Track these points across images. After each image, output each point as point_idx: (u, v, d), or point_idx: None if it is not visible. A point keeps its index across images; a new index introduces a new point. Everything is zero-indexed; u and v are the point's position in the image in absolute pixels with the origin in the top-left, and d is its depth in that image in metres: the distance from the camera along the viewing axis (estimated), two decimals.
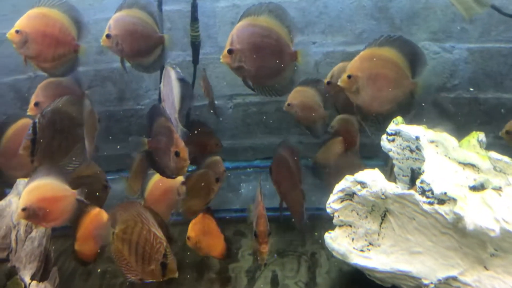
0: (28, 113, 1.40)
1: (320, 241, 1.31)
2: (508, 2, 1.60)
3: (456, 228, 1.00)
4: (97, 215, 1.18)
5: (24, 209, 1.04)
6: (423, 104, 1.48)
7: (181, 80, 1.24)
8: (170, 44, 1.47)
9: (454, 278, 1.01)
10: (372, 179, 1.12)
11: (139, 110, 1.97)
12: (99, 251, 1.21)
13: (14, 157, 1.29)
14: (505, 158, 1.14)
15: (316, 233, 1.36)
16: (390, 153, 1.24)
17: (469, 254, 1.01)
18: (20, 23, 1.31)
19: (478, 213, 0.97)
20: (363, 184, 1.13)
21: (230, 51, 1.27)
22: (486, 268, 0.99)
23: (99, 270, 1.33)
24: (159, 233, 0.98)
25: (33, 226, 1.12)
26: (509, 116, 1.65)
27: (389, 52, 1.33)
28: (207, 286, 1.23)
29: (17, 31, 1.28)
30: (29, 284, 1.01)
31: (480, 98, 1.85)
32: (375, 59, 1.35)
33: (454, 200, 1.00)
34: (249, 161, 1.97)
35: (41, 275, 1.05)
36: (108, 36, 1.35)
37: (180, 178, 1.33)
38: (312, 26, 1.86)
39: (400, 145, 1.22)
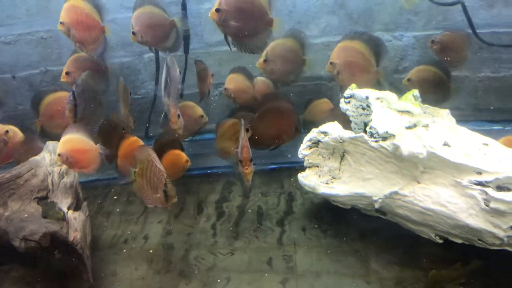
0: (61, 79, 1.76)
1: (295, 184, 1.65)
2: None
3: (396, 156, 1.35)
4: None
5: (59, 155, 1.35)
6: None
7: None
8: (180, 25, 1.83)
9: (396, 192, 1.36)
10: (332, 128, 1.47)
11: (137, 99, 2.29)
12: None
13: (52, 118, 1.70)
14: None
15: (292, 179, 1.70)
16: (347, 112, 1.59)
17: (406, 174, 1.36)
18: (61, 15, 1.63)
19: (411, 143, 1.33)
20: (325, 133, 1.48)
21: (217, 10, 1.56)
22: (418, 182, 1.34)
23: (117, 210, 1.65)
24: (161, 167, 1.29)
25: (64, 173, 1.43)
26: None
27: (359, 44, 1.70)
28: (206, 218, 1.55)
29: (61, 23, 1.60)
30: (67, 212, 1.30)
31: None
32: (349, 50, 1.70)
33: (393, 136, 1.36)
34: None
35: (74, 208, 1.34)
36: (133, 33, 1.66)
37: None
38: (284, 23, 2.24)
39: (355, 105, 1.57)
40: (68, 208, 1.31)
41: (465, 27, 2.09)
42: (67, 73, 1.73)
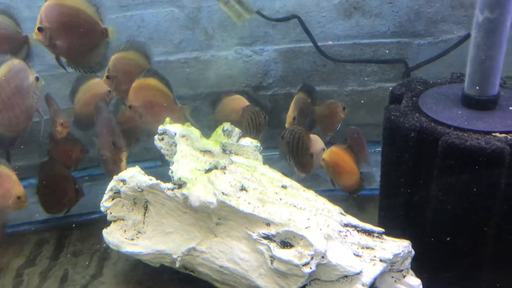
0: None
1: None
2: (271, 8, 1.94)
3: (190, 207, 1.26)
4: None
5: None
6: None
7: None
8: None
9: (194, 249, 1.26)
10: (130, 176, 1.36)
11: None
12: None
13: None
14: (243, 142, 1.44)
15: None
16: (162, 151, 1.49)
17: (203, 226, 1.27)
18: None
19: (202, 190, 1.23)
20: (124, 182, 1.37)
21: (40, 29, 1.42)
22: (215, 235, 1.25)
23: None
24: None
25: None
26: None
27: (154, 81, 1.59)
28: None
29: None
30: None
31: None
32: (146, 89, 1.60)
33: (185, 183, 1.26)
34: None
35: None
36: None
37: None
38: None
39: (168, 142, 1.47)
40: None
41: (323, 39, 2.05)
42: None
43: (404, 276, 1.12)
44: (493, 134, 1.06)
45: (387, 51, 2.08)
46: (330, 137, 1.88)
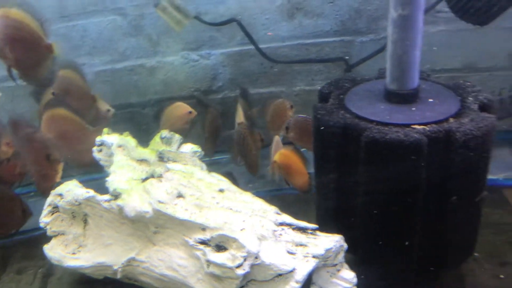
0: None
1: None
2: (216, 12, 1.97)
3: (127, 217, 1.26)
4: None
5: None
6: None
7: None
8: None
9: (133, 259, 1.27)
10: (67, 189, 1.35)
11: None
12: None
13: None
14: (184, 149, 1.46)
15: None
16: (101, 162, 1.48)
17: (141, 236, 1.27)
18: None
19: (137, 200, 1.24)
20: (61, 196, 1.36)
21: None
22: (154, 244, 1.25)
23: None
24: None
25: None
26: None
27: (63, 111, 1.58)
28: None
29: None
30: None
31: None
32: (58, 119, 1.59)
33: (121, 194, 1.26)
34: None
35: None
36: None
37: None
38: (78, 50, 2.10)
39: (106, 153, 1.47)
40: None
41: (268, 41, 2.08)
42: None
43: (338, 270, 1.15)
44: (412, 126, 1.10)
45: (331, 50, 2.14)
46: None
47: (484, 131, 1.07)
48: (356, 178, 1.14)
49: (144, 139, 1.69)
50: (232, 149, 1.84)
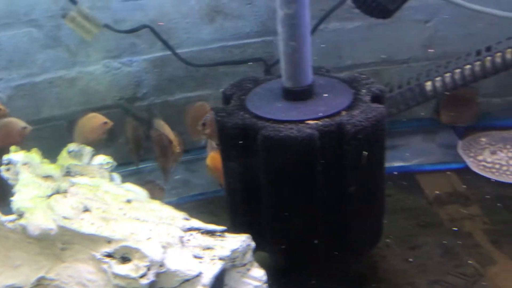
0: None
1: None
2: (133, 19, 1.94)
3: (31, 236, 1.21)
4: None
5: None
6: None
7: None
8: None
9: (43, 278, 1.22)
10: None
11: None
12: None
13: None
14: (95, 161, 1.43)
15: None
16: (10, 181, 1.43)
17: (49, 254, 1.23)
18: None
19: (42, 218, 1.20)
20: None
21: None
22: (63, 261, 1.22)
23: None
24: None
25: None
26: None
27: None
28: None
29: None
30: None
31: (170, 101, 2.19)
32: None
33: (24, 213, 1.22)
34: None
35: None
36: None
37: None
38: None
39: (15, 171, 1.41)
40: None
41: (190, 45, 2.07)
42: None
43: (248, 270, 1.16)
44: (306, 122, 1.12)
45: (254, 51, 2.15)
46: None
47: (373, 121, 1.11)
48: (258, 177, 1.15)
49: None
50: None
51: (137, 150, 1.82)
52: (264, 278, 1.17)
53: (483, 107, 1.98)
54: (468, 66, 1.62)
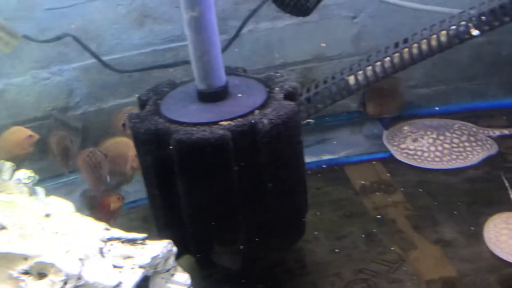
0: None
1: None
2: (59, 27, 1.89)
3: None
4: None
5: None
6: None
7: None
8: None
9: None
10: None
11: None
12: None
13: None
14: (17, 176, 1.38)
15: None
16: None
17: None
18: None
19: None
20: None
21: None
22: None
23: None
24: None
25: None
26: None
27: None
28: None
29: None
30: None
31: (105, 108, 2.15)
32: None
33: None
34: None
35: None
36: None
37: None
38: None
39: None
40: None
41: (120, 50, 2.03)
42: None
43: (172, 275, 1.15)
44: (219, 123, 1.13)
45: (187, 54, 2.13)
46: None
47: (284, 118, 1.13)
48: (175, 181, 1.14)
49: None
50: None
51: (66, 161, 1.77)
52: (189, 281, 1.17)
53: (408, 97, 2.07)
54: (387, 58, 1.67)
